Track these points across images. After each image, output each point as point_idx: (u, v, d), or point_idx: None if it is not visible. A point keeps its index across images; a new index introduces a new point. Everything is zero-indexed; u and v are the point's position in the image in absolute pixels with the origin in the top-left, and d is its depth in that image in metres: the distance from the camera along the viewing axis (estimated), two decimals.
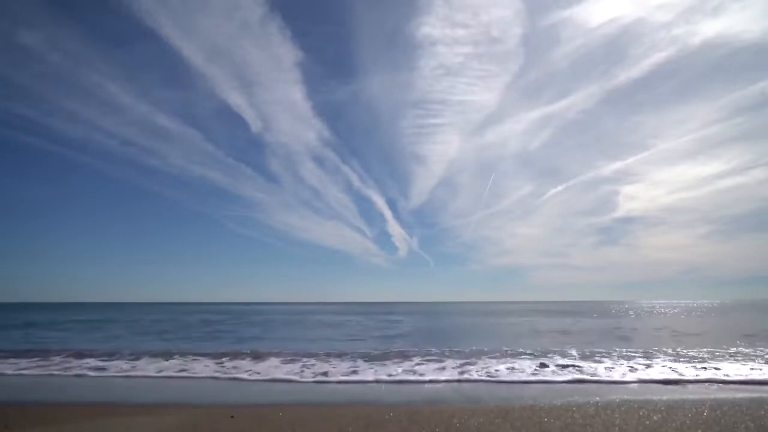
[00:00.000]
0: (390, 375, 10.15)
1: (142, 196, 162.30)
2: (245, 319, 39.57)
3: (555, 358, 12.63)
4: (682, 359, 12.24)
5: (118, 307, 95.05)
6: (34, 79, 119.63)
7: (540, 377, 9.80)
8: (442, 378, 9.83)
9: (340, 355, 13.48)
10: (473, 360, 12.13)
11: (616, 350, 14.39)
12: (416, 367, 11.07)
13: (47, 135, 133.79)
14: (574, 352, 13.81)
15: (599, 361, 11.91)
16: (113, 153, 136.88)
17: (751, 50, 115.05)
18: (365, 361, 12.33)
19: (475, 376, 9.93)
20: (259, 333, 24.14)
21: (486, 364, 11.48)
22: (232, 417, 6.50)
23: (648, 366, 10.97)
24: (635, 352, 13.78)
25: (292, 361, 12.37)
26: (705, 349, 14.44)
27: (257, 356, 13.30)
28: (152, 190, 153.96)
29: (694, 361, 11.79)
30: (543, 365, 11.04)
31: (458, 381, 9.64)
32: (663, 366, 10.96)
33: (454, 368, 10.88)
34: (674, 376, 9.62)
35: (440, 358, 12.73)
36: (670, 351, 14.11)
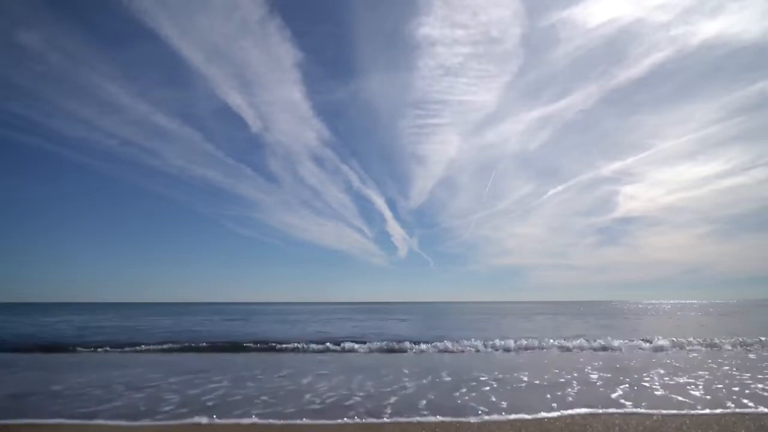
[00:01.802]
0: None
1: (142, 196, 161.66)
2: (239, 319, 39.55)
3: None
4: None
5: (118, 308, 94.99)
6: (34, 79, 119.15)
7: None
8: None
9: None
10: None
11: None
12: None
13: (47, 135, 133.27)
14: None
15: None
16: (113, 153, 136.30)
17: (751, 50, 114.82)
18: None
19: None
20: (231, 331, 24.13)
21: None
22: None
23: None
24: None
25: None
26: None
27: None
28: (152, 190, 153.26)
29: None
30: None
31: None
32: None
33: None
34: None
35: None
36: None
